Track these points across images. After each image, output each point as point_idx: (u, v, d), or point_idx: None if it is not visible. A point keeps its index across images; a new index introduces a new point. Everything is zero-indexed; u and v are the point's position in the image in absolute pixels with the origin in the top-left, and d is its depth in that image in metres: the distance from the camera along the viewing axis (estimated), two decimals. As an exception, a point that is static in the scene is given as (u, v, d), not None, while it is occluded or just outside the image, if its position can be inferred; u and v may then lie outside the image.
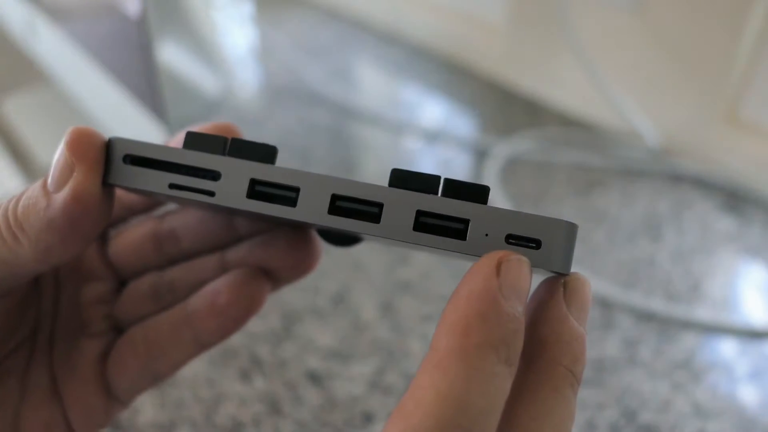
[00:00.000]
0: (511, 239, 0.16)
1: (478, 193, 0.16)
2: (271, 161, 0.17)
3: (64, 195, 0.17)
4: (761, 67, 0.58)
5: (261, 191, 0.17)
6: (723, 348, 0.44)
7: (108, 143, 0.18)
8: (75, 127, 0.17)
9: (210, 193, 0.17)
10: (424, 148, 0.66)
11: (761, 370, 0.42)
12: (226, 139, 0.17)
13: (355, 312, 0.46)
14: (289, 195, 0.17)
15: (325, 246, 0.23)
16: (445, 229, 0.16)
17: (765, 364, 0.43)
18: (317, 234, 0.23)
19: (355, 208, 0.16)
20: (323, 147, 0.65)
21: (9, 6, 0.80)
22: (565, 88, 0.71)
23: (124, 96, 0.60)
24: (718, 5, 0.57)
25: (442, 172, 0.62)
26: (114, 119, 0.64)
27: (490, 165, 0.62)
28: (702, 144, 0.63)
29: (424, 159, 0.65)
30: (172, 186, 0.17)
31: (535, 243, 0.16)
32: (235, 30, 0.87)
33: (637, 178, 0.61)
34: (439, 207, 0.16)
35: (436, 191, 0.16)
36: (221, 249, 0.23)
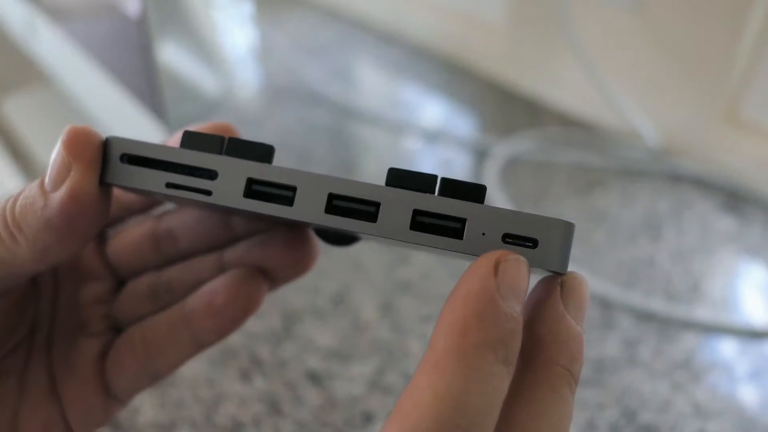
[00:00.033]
0: (508, 239, 0.16)
1: (474, 193, 0.16)
2: (268, 160, 0.17)
3: (61, 194, 0.17)
4: (761, 67, 0.57)
5: (258, 190, 0.17)
6: (723, 348, 0.44)
7: (105, 142, 0.18)
8: (72, 126, 0.17)
9: (207, 193, 0.17)
10: (424, 148, 0.66)
11: (761, 370, 0.42)
12: (223, 139, 0.17)
13: (355, 312, 0.45)
14: (286, 194, 0.17)
15: (326, 246, 0.23)
16: (442, 229, 0.16)
17: (765, 364, 0.43)
18: (315, 233, 0.23)
19: (352, 207, 0.16)
20: (323, 147, 0.65)
21: (9, 6, 0.80)
22: (565, 88, 0.71)
23: (124, 96, 0.60)
24: (718, 5, 0.57)
25: (442, 172, 0.62)
26: (114, 119, 0.64)
27: (490, 165, 0.62)
28: (702, 144, 0.62)
29: (424, 159, 0.65)
30: (169, 185, 0.17)
31: (532, 242, 0.16)
32: (235, 30, 0.86)
33: (637, 178, 0.61)
34: (436, 206, 0.16)
35: (433, 190, 0.16)
36: (219, 249, 0.23)
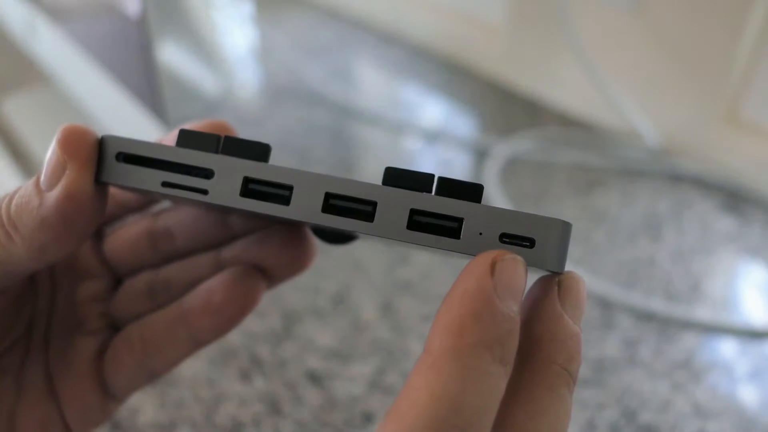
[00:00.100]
0: (505, 238, 0.16)
1: (472, 192, 0.16)
2: (265, 159, 0.17)
3: (56, 193, 0.17)
4: (761, 67, 0.57)
5: (254, 189, 0.17)
6: (723, 348, 0.44)
7: (100, 141, 0.18)
8: (67, 125, 0.17)
9: (203, 192, 0.17)
10: (424, 148, 0.66)
11: (761, 370, 0.42)
12: (219, 137, 0.17)
13: (355, 312, 0.45)
14: (283, 193, 0.17)
15: (326, 246, 0.23)
16: (439, 228, 0.16)
17: (765, 364, 0.43)
18: (312, 232, 0.23)
19: (349, 206, 0.16)
20: (323, 147, 0.65)
21: (9, 6, 0.80)
22: (565, 88, 0.71)
23: (124, 96, 0.60)
24: (718, 5, 0.57)
25: (442, 172, 0.62)
26: (114, 119, 0.64)
27: (490, 165, 0.62)
28: (702, 144, 0.62)
29: (424, 159, 0.65)
30: (165, 184, 0.17)
31: (529, 242, 0.16)
32: (235, 30, 0.86)
33: (637, 178, 0.61)
34: (433, 206, 0.16)
35: (430, 190, 0.16)
36: (216, 247, 0.23)
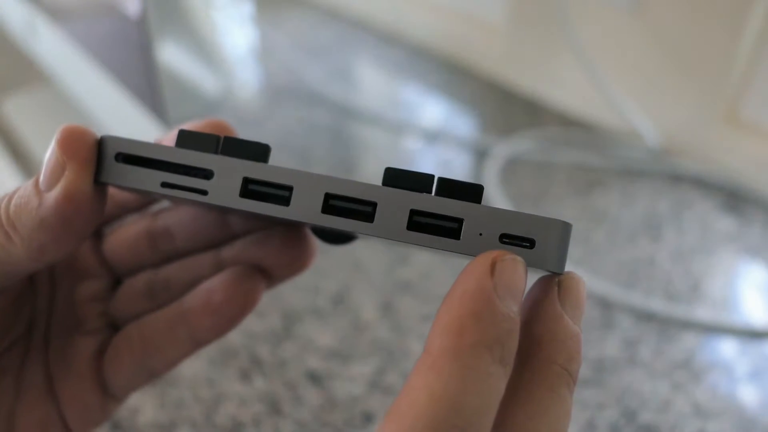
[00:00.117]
0: (505, 239, 0.16)
1: (472, 192, 0.16)
2: (264, 160, 0.17)
3: (55, 194, 0.17)
4: (761, 67, 0.57)
5: (254, 190, 0.17)
6: (723, 348, 0.44)
7: (100, 141, 0.18)
8: (66, 125, 0.17)
9: (203, 192, 0.17)
10: (424, 148, 0.66)
11: (761, 370, 0.42)
12: (218, 138, 0.17)
13: (355, 312, 0.45)
14: (283, 194, 0.17)
15: (326, 246, 0.23)
16: (439, 229, 0.16)
17: (765, 364, 0.43)
18: (312, 231, 0.23)
19: (349, 207, 0.16)
20: (323, 147, 0.65)
21: (9, 6, 0.80)
22: (565, 88, 0.71)
23: (124, 96, 0.60)
24: (718, 5, 0.57)
25: (442, 172, 0.62)
26: (114, 119, 0.64)
27: (490, 165, 0.62)
28: (702, 144, 0.62)
29: (424, 159, 0.65)
30: (164, 185, 0.17)
31: (529, 242, 0.16)
32: (235, 30, 0.86)
33: (637, 178, 0.61)
34: (433, 206, 0.16)
35: (429, 190, 0.16)
36: (216, 246, 0.23)
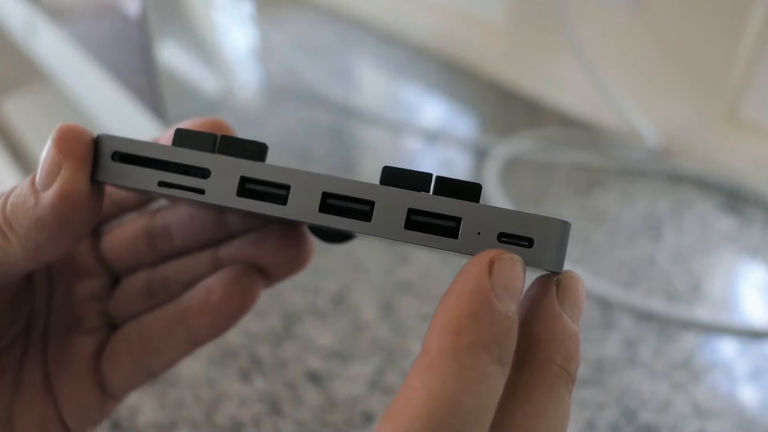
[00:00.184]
0: (504, 238, 0.16)
1: (470, 191, 0.16)
2: (262, 159, 0.17)
3: (52, 193, 0.17)
4: (761, 67, 0.57)
5: (251, 189, 0.17)
6: (723, 348, 0.44)
7: (96, 140, 0.18)
8: (62, 124, 0.17)
9: (200, 191, 0.17)
10: (424, 148, 0.66)
11: (761, 370, 0.42)
12: (215, 137, 0.17)
13: (355, 312, 0.45)
14: (280, 193, 0.17)
15: (326, 246, 0.23)
16: (437, 228, 0.16)
17: (765, 364, 0.43)
18: (309, 230, 0.23)
19: (347, 206, 0.16)
20: (323, 147, 0.65)
21: (9, 6, 0.80)
22: (565, 88, 0.71)
23: (124, 96, 0.60)
24: (718, 5, 0.57)
25: (442, 172, 0.62)
26: (114, 119, 0.64)
27: (490, 165, 0.62)
28: (702, 144, 0.62)
29: (424, 159, 0.65)
30: (161, 184, 0.17)
31: (528, 241, 0.16)
32: (235, 30, 0.86)
33: (637, 178, 0.61)
34: (431, 205, 0.16)
35: (427, 189, 0.16)
36: (214, 245, 0.23)
